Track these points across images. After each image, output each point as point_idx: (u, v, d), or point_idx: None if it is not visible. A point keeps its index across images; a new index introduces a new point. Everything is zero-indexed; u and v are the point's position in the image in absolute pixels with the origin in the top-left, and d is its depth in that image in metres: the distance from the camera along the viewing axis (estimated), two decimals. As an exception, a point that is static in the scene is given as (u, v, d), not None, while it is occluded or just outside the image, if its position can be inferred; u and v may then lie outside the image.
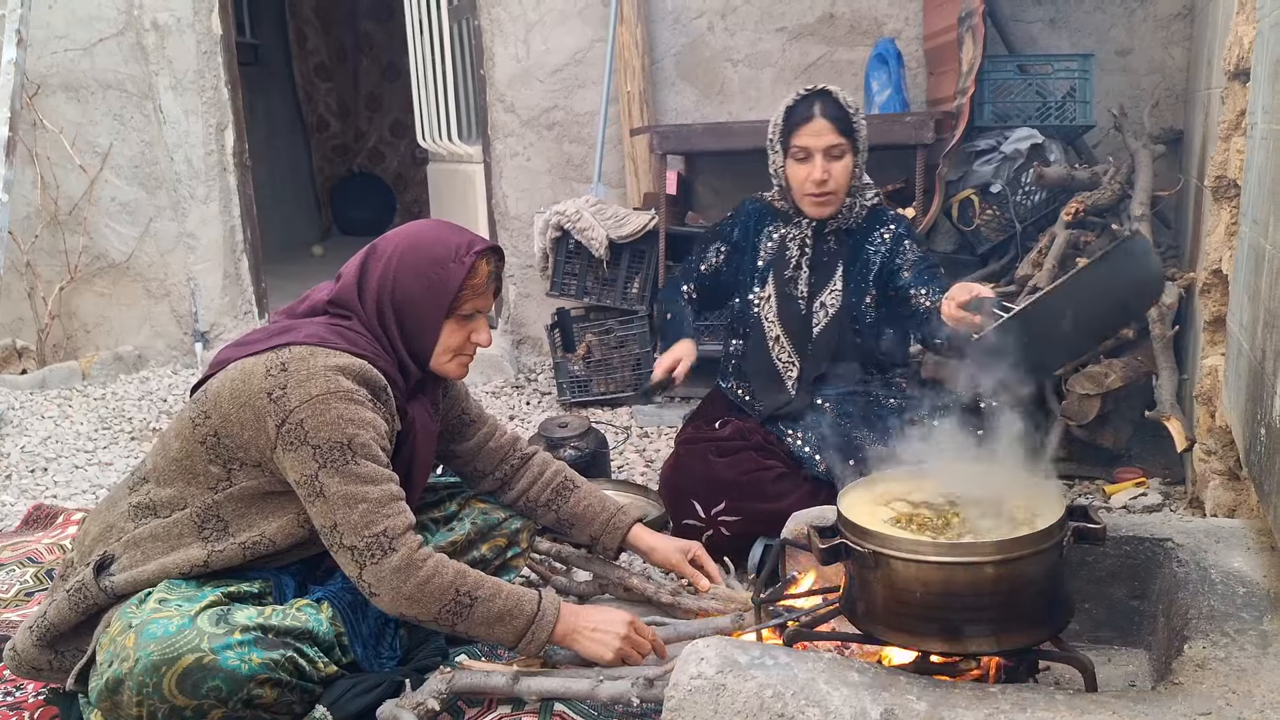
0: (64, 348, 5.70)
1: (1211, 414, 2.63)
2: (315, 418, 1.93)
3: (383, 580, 1.93)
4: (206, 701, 1.82)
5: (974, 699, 1.52)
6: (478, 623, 1.97)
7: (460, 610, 1.96)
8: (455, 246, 2.11)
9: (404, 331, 2.12)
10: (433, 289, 2.09)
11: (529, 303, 5.11)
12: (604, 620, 2.06)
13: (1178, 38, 4.23)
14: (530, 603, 2.01)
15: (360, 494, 1.94)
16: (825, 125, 2.66)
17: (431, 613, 1.95)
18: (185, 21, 5.31)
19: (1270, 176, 1.97)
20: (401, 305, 2.10)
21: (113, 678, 1.83)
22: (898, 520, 1.80)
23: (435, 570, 1.95)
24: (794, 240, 2.83)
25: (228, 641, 1.84)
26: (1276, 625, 1.69)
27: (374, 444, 1.98)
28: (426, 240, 2.13)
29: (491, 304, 2.22)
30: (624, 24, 4.61)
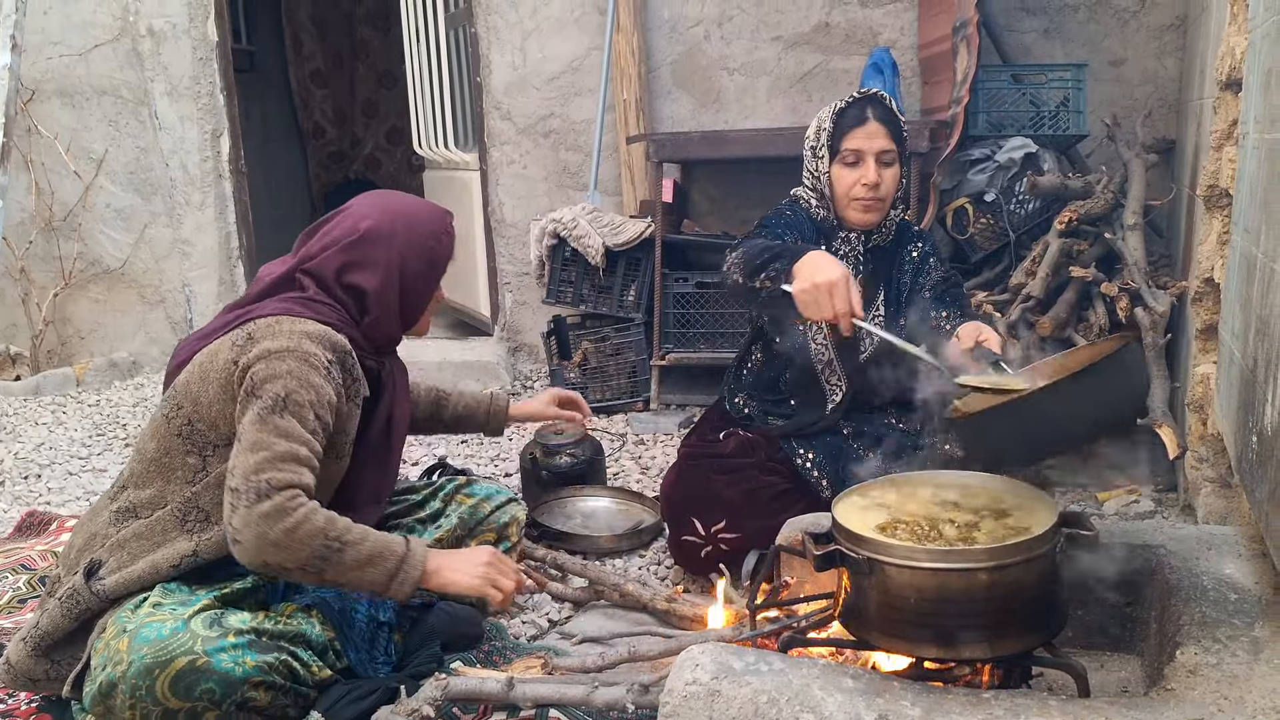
0: (58, 354, 5.69)
1: (1203, 422, 2.64)
2: (266, 369, 1.97)
3: (249, 524, 1.89)
4: (200, 704, 1.82)
5: (968, 705, 1.52)
6: (348, 567, 1.94)
7: (329, 555, 1.92)
8: (440, 218, 2.27)
9: (405, 304, 2.21)
10: (434, 264, 2.24)
11: (525, 310, 5.11)
12: (468, 556, 2.11)
13: (1170, 48, 4.25)
14: (399, 545, 2.01)
15: (267, 443, 1.93)
16: (879, 128, 2.60)
17: (299, 559, 1.91)
18: (181, 27, 5.32)
19: (1262, 186, 1.99)
20: (411, 281, 2.20)
21: (106, 682, 1.83)
22: (884, 528, 1.80)
23: (305, 518, 1.92)
24: (846, 256, 2.71)
25: (221, 644, 1.85)
26: (1268, 631, 1.70)
27: (309, 408, 1.98)
28: (416, 216, 2.24)
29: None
30: (620, 32, 4.63)
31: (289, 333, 2.01)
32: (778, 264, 2.26)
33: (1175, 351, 3.28)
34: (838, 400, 2.75)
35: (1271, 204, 1.88)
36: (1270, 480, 1.78)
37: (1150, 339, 3.14)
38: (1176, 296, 3.19)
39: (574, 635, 2.47)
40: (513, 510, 2.57)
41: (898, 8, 4.51)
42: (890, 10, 4.52)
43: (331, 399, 2.02)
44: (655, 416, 4.33)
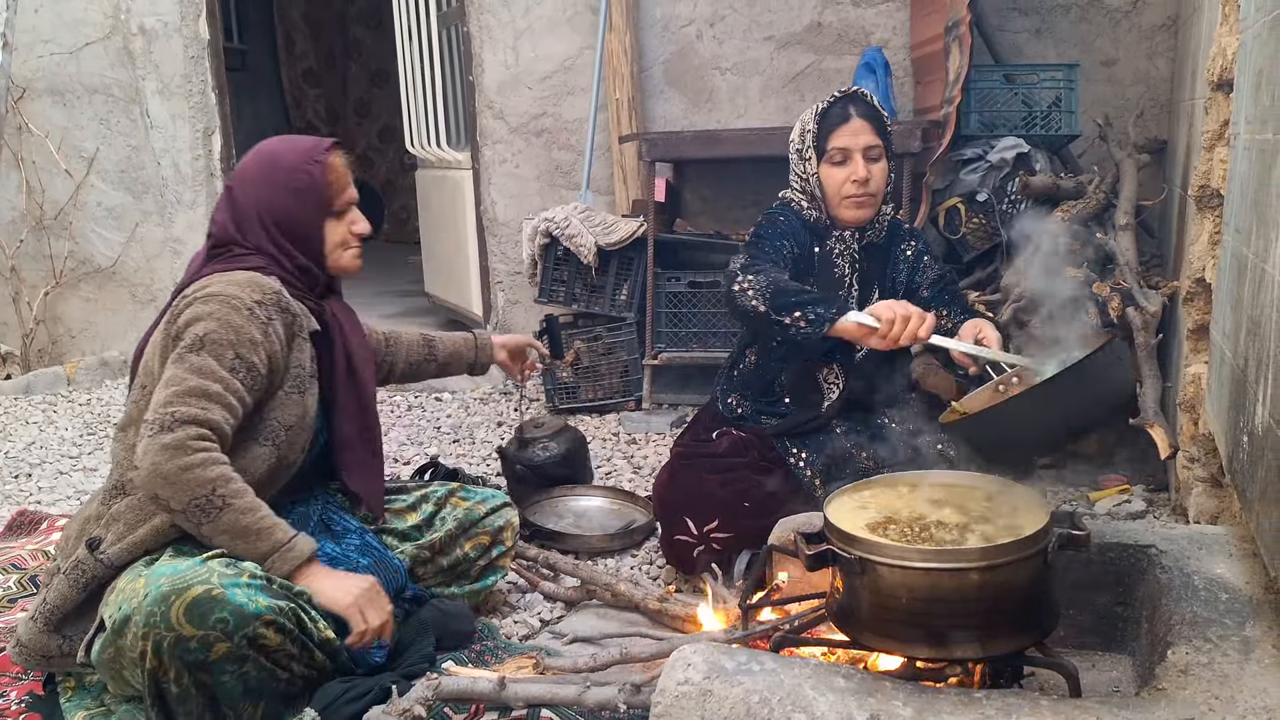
0: (49, 353, 5.68)
1: (1195, 422, 2.65)
2: (190, 316, 2.05)
3: (148, 453, 1.93)
4: (212, 633, 1.82)
5: (959, 704, 1.52)
6: (222, 529, 1.96)
7: (209, 510, 1.95)
8: (307, 151, 2.24)
9: (294, 241, 2.22)
10: (304, 196, 2.21)
11: (517, 309, 5.11)
12: (351, 579, 2.09)
13: (1162, 48, 4.26)
14: (283, 533, 2.02)
15: (179, 378, 1.99)
16: (863, 125, 2.62)
17: (181, 501, 1.94)
18: (172, 26, 5.30)
19: (1253, 186, 1.99)
20: (283, 220, 2.21)
21: (121, 617, 1.86)
22: (876, 528, 1.80)
23: (201, 462, 1.94)
24: (842, 255, 2.72)
25: (237, 581, 1.88)
26: (1259, 631, 1.70)
27: (228, 347, 2.03)
28: (280, 154, 2.25)
29: (356, 194, 2.34)
30: (613, 31, 4.62)
31: (215, 283, 2.09)
32: (819, 308, 2.41)
33: (1167, 351, 3.28)
34: (834, 398, 2.75)
35: (1262, 204, 1.89)
36: (1261, 480, 1.78)
37: (1142, 339, 3.14)
38: (1168, 296, 3.19)
39: (566, 635, 2.47)
40: (507, 515, 2.58)
41: (890, 7, 4.51)
42: (882, 10, 4.52)
43: (255, 338, 2.06)
44: (647, 416, 4.33)
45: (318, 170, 2.22)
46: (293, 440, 2.17)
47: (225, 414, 2.01)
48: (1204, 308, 2.67)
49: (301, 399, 2.17)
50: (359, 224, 2.31)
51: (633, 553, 2.99)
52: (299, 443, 2.19)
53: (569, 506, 3.30)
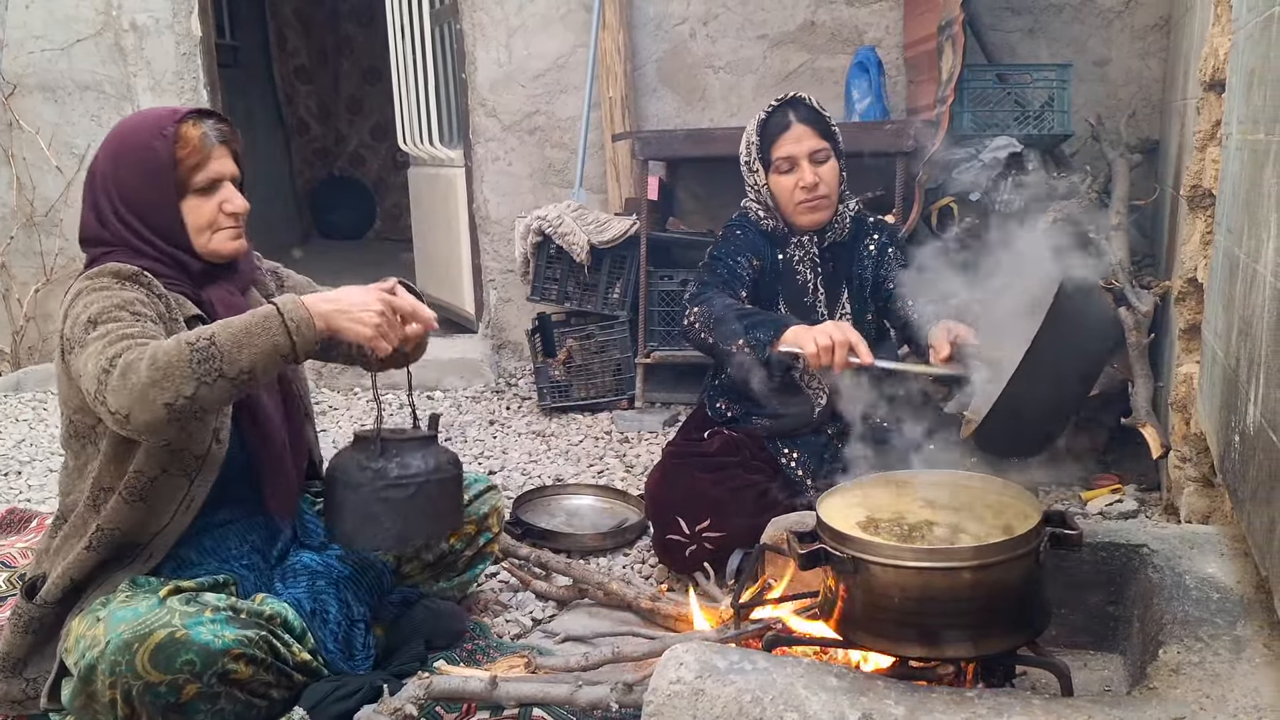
0: (39, 350, 5.65)
1: (1186, 421, 2.65)
2: (68, 320, 1.89)
3: (118, 392, 1.75)
4: (181, 676, 1.79)
5: (951, 703, 1.52)
6: (235, 348, 1.78)
7: (207, 351, 1.77)
8: (153, 123, 2.01)
9: (151, 227, 2.01)
10: (149, 174, 1.99)
11: (510, 307, 5.10)
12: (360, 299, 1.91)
13: (1154, 49, 4.27)
14: (265, 306, 1.85)
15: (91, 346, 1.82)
16: (805, 130, 2.61)
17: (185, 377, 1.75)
18: (164, 22, 5.29)
19: (1244, 186, 1.99)
20: (134, 203, 2.00)
21: (85, 666, 1.81)
22: (869, 527, 1.80)
23: (155, 349, 1.77)
24: (802, 261, 2.73)
25: (199, 618, 1.84)
26: (1250, 630, 1.70)
27: (115, 309, 1.86)
28: (127, 129, 2.05)
29: (233, 169, 2.09)
30: (606, 30, 4.62)
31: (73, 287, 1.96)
32: (758, 333, 2.41)
33: (1159, 351, 3.29)
34: (822, 404, 2.75)
35: (1254, 204, 1.89)
36: (1252, 480, 1.78)
37: (1134, 338, 3.15)
38: (1160, 296, 3.20)
39: (558, 634, 2.47)
40: (492, 500, 2.53)
41: (883, 7, 4.52)
42: (876, 9, 4.53)
43: (140, 297, 1.91)
44: (640, 414, 4.33)
45: (163, 145, 1.98)
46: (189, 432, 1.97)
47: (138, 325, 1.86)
48: (1196, 307, 2.67)
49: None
50: (231, 201, 2.06)
51: (625, 551, 2.99)
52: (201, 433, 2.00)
53: (561, 505, 3.30)
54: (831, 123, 2.66)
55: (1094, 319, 1.82)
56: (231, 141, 2.08)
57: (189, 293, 2.06)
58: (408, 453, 2.12)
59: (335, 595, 2.18)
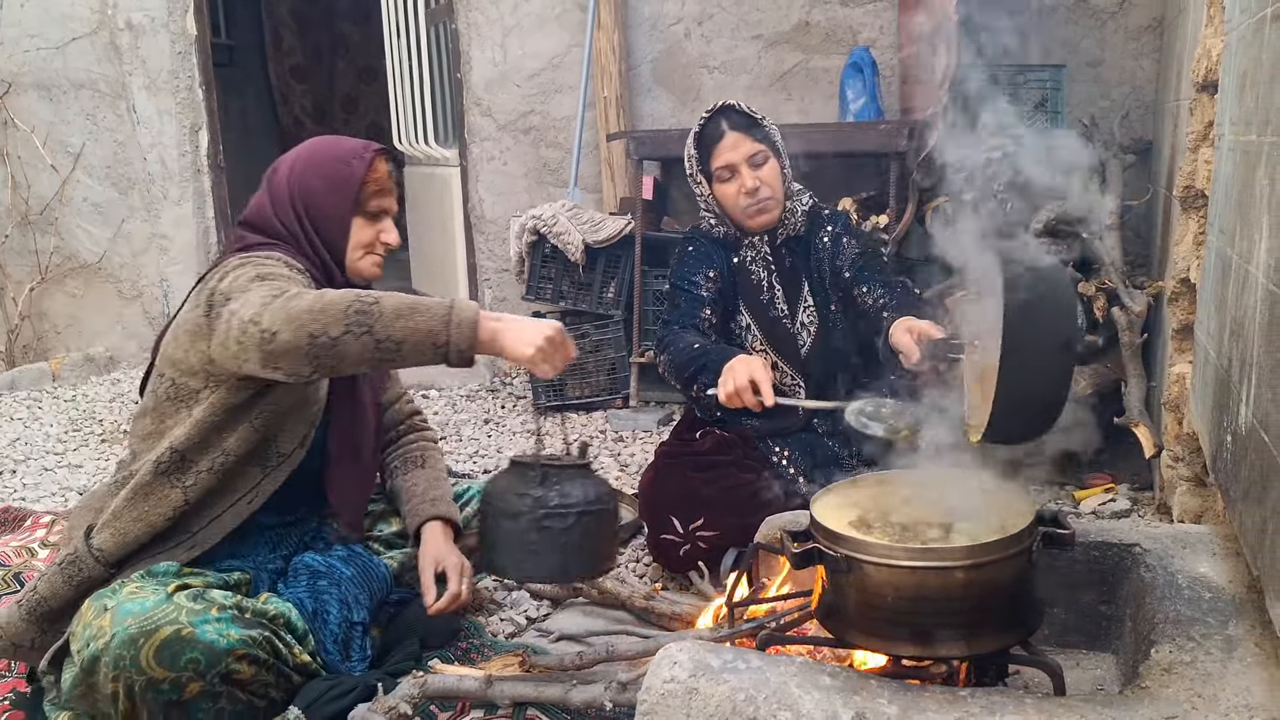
0: (34, 349, 5.65)
1: (1179, 421, 2.66)
2: (231, 279, 1.99)
3: (276, 312, 1.82)
4: (184, 674, 1.80)
5: (944, 702, 1.53)
6: (392, 316, 1.83)
7: (367, 309, 1.82)
8: (353, 147, 2.24)
9: (318, 231, 2.19)
10: (337, 185, 2.19)
11: (504, 306, 5.10)
12: (530, 325, 1.97)
13: (1147, 50, 4.28)
14: (439, 300, 1.91)
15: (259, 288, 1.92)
16: (739, 136, 2.64)
17: (339, 319, 1.81)
18: (159, 21, 5.28)
19: (1237, 187, 2.00)
20: (310, 205, 2.18)
21: (89, 656, 1.83)
22: (862, 526, 1.81)
23: (325, 290, 1.90)
24: (755, 261, 2.76)
25: (205, 617, 1.85)
26: (1242, 630, 1.71)
27: (282, 277, 1.99)
28: (325, 145, 2.26)
29: (395, 208, 2.30)
30: (601, 30, 4.62)
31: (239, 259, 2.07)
32: (703, 378, 2.54)
33: (1152, 351, 3.30)
34: (801, 396, 2.77)
35: (1246, 205, 1.90)
36: (1244, 480, 1.79)
37: (1127, 338, 3.16)
38: (1153, 296, 3.21)
39: (552, 633, 2.47)
40: None
41: (878, 7, 4.52)
42: (870, 10, 4.53)
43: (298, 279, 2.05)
44: (634, 413, 4.33)
45: (358, 165, 2.20)
46: (288, 427, 2.12)
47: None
48: (1188, 308, 2.68)
49: (304, 385, 2.11)
50: (389, 234, 2.27)
51: (619, 550, 2.99)
52: (294, 432, 2.13)
53: (556, 504, 3.29)
54: (765, 124, 2.68)
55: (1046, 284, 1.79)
56: (400, 185, 2.34)
57: None
58: (566, 481, 2.06)
59: (337, 596, 2.19)
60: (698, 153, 2.70)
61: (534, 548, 2.02)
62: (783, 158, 2.69)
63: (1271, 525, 1.58)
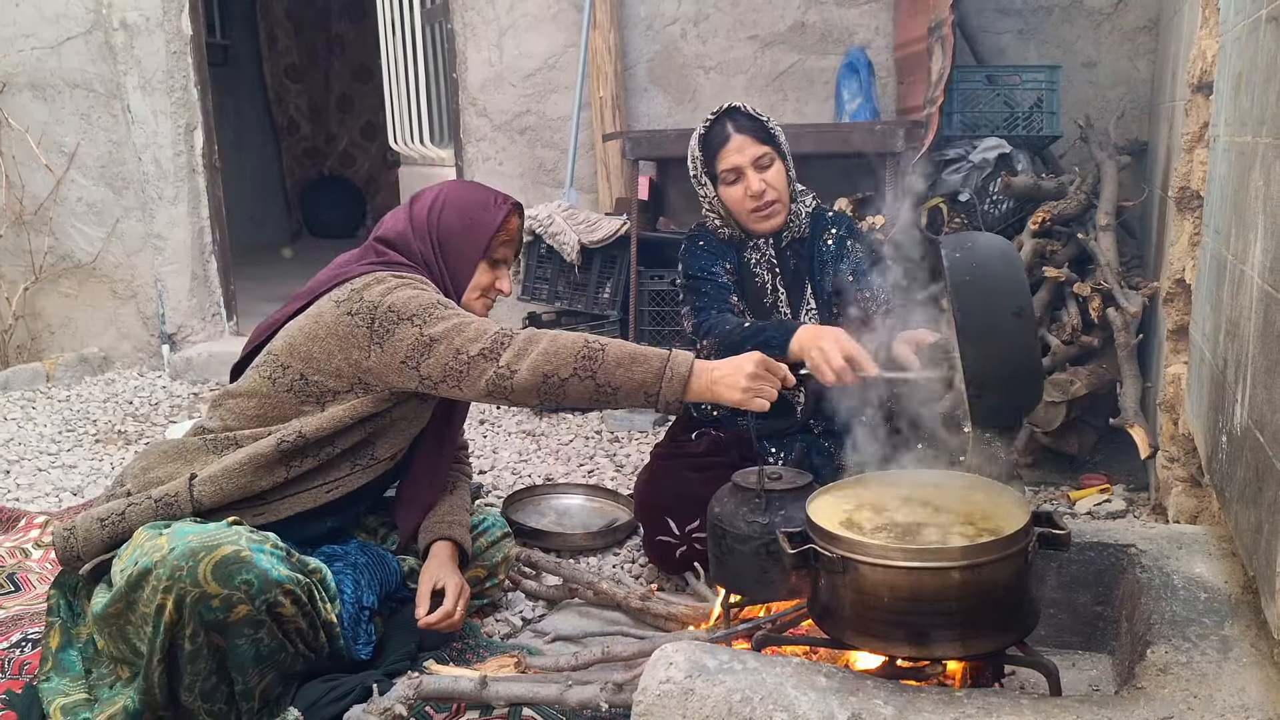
0: (28, 349, 5.63)
1: (1174, 422, 2.66)
2: (400, 299, 2.14)
3: (519, 354, 2.05)
4: (236, 593, 1.84)
5: (940, 703, 1.53)
6: (614, 364, 2.04)
7: (593, 356, 2.04)
8: (492, 195, 2.40)
9: (446, 265, 2.34)
10: (472, 228, 2.34)
11: (500, 306, 5.09)
12: (734, 365, 2.07)
13: (1143, 51, 4.28)
14: (658, 352, 2.08)
15: (464, 322, 2.12)
16: (744, 139, 2.62)
17: (568, 362, 2.04)
18: (154, 21, 5.27)
19: (1232, 188, 2.01)
20: (445, 241, 2.34)
21: (139, 571, 1.87)
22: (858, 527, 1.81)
23: (558, 333, 2.10)
24: (759, 264, 2.76)
25: (262, 547, 1.92)
26: (1237, 630, 1.71)
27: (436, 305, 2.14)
28: (468, 188, 2.42)
29: (514, 261, 2.48)
30: (597, 30, 4.62)
31: (388, 277, 2.21)
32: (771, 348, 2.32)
33: (1147, 351, 3.30)
34: (801, 405, 2.76)
35: (1241, 206, 1.90)
36: (1239, 480, 1.80)
37: (1123, 339, 3.16)
38: (1148, 297, 3.21)
39: (548, 634, 2.47)
40: (506, 548, 2.59)
41: (873, 8, 4.52)
42: (866, 10, 4.53)
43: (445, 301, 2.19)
44: (630, 414, 4.33)
45: (495, 212, 2.35)
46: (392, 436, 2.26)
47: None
48: (1184, 308, 2.68)
49: (420, 403, 2.27)
50: (504, 281, 2.42)
51: (615, 551, 2.99)
52: (394, 443, 2.27)
53: (551, 505, 3.30)
54: (770, 126, 2.66)
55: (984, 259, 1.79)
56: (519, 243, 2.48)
57: None
58: (790, 504, 2.08)
59: (351, 578, 2.24)
60: (703, 155, 2.68)
61: (766, 575, 2.08)
62: (788, 160, 2.68)
63: (1267, 525, 1.58)
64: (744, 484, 2.13)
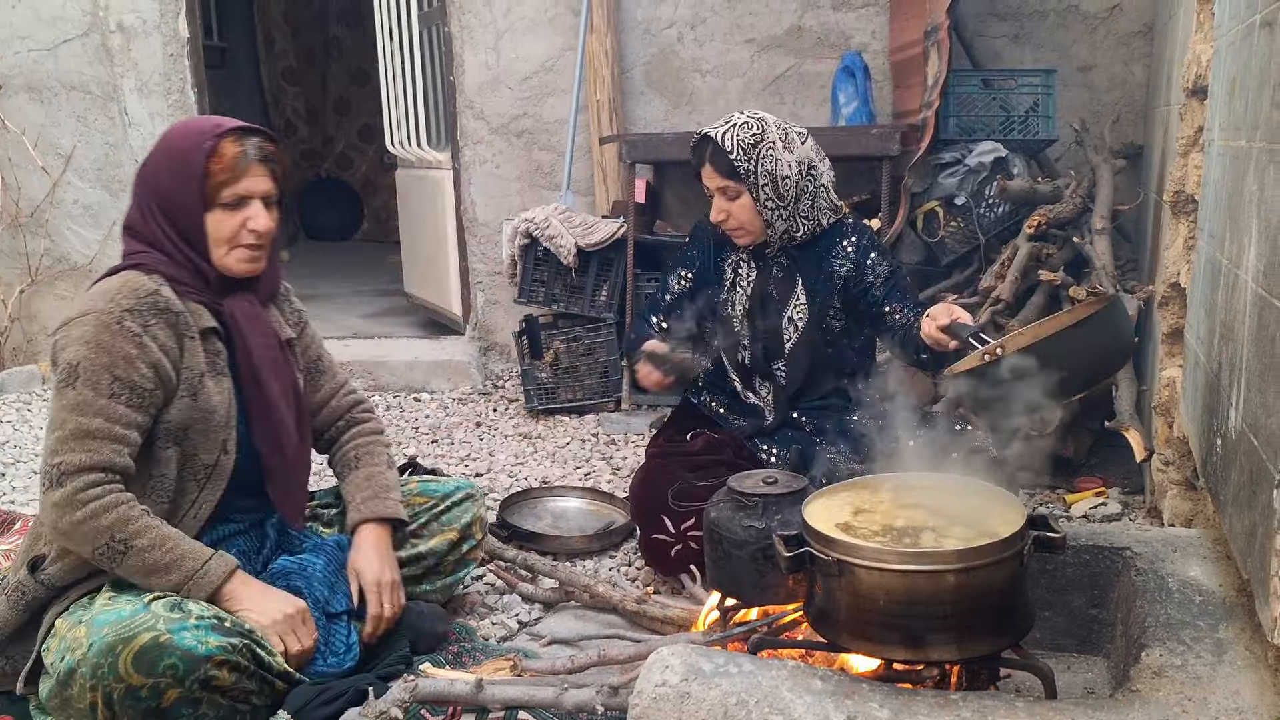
0: (24, 351, 5.62)
1: (1169, 425, 2.67)
2: (61, 340, 1.98)
3: (45, 510, 1.95)
4: (163, 680, 1.79)
5: (936, 706, 1.53)
6: (132, 569, 1.95)
7: (114, 555, 1.93)
8: (198, 133, 2.06)
9: (179, 231, 2.07)
10: (180, 180, 2.04)
11: (497, 309, 5.10)
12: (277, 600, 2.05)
13: (1138, 54, 4.29)
14: (193, 560, 1.98)
15: (59, 420, 1.95)
16: (710, 171, 2.68)
17: (87, 551, 1.94)
18: (151, 23, 5.27)
19: (1226, 192, 2.01)
20: (163, 203, 2.07)
21: (64, 670, 1.82)
22: (853, 530, 1.81)
23: (93, 513, 1.92)
24: (736, 264, 2.83)
25: (183, 624, 1.85)
26: (1232, 633, 1.72)
27: (104, 371, 1.95)
28: (174, 134, 2.11)
29: (267, 187, 2.09)
30: (594, 33, 4.62)
31: (87, 297, 2.02)
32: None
33: (1142, 355, 3.31)
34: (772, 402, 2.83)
35: (1236, 210, 1.91)
36: (1234, 483, 1.80)
37: (1118, 342, 3.17)
38: (1144, 300, 3.22)
39: (544, 637, 2.47)
40: (471, 508, 2.50)
41: (869, 12, 4.53)
42: (862, 14, 4.54)
43: (130, 353, 1.97)
44: (627, 417, 4.33)
45: (199, 156, 2.02)
46: (199, 440, 2.09)
47: (114, 446, 1.96)
48: (1179, 312, 2.69)
49: (194, 401, 2.07)
50: (256, 219, 2.07)
51: (611, 554, 2.99)
52: (211, 442, 2.10)
53: (547, 507, 3.30)
54: (738, 164, 2.63)
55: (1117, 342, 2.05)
56: (273, 160, 2.10)
57: (209, 301, 2.11)
58: (786, 509, 2.08)
59: (310, 593, 2.17)
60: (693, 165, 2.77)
61: (762, 579, 2.08)
62: (764, 189, 2.65)
63: (1261, 529, 1.58)
64: (740, 488, 2.14)
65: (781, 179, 2.66)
